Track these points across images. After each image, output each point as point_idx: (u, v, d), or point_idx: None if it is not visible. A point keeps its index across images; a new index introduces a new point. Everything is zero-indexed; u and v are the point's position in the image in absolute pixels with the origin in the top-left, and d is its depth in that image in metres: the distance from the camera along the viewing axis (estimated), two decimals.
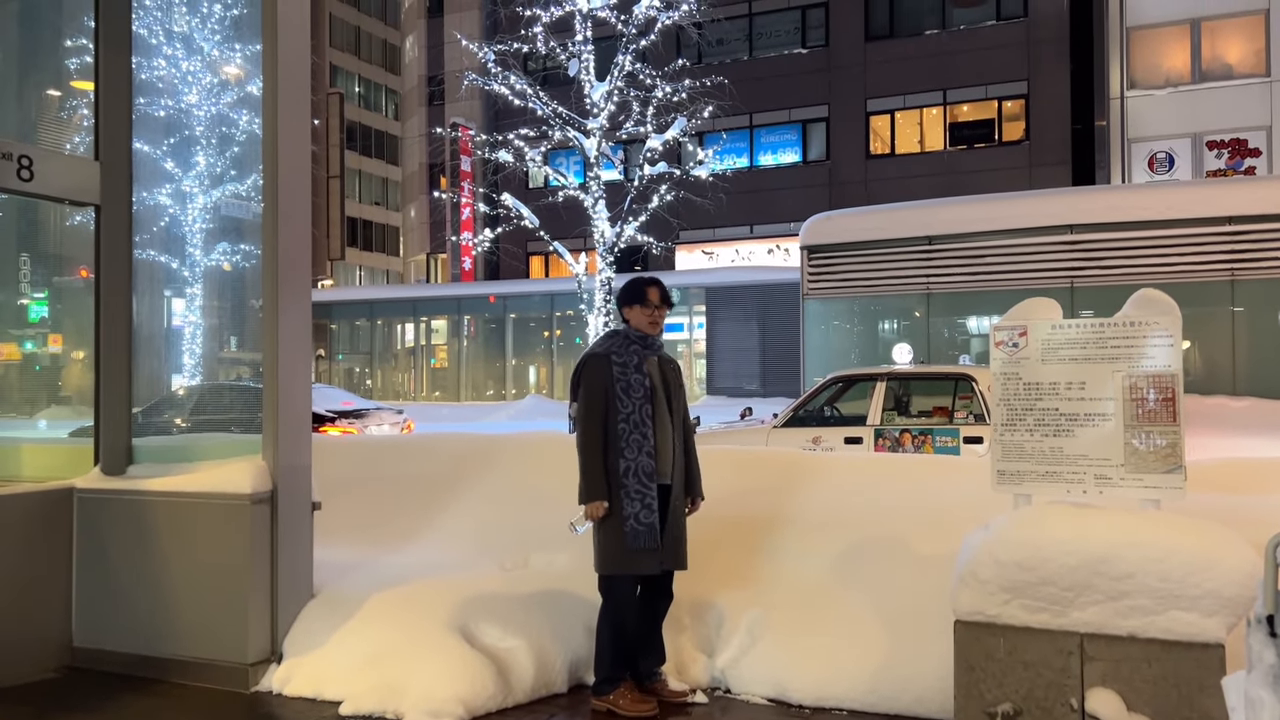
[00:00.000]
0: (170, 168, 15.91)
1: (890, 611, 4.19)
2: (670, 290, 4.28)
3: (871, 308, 12.99)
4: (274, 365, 4.34)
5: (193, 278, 13.64)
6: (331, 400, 12.49)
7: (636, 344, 4.07)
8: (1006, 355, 3.53)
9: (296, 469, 4.45)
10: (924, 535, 4.44)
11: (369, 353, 31.25)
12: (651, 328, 4.12)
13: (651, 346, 4.11)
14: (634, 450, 3.91)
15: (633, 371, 3.98)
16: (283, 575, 4.37)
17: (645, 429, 3.92)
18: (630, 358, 4.01)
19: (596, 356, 4.03)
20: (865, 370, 9.73)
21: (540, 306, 27.87)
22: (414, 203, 40.12)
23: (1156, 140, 24.55)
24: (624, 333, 4.12)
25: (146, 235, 8.99)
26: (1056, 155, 26.03)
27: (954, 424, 8.86)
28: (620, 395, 3.94)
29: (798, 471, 5.08)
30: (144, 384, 5.79)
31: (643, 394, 3.96)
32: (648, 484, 3.90)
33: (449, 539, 5.17)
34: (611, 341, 4.09)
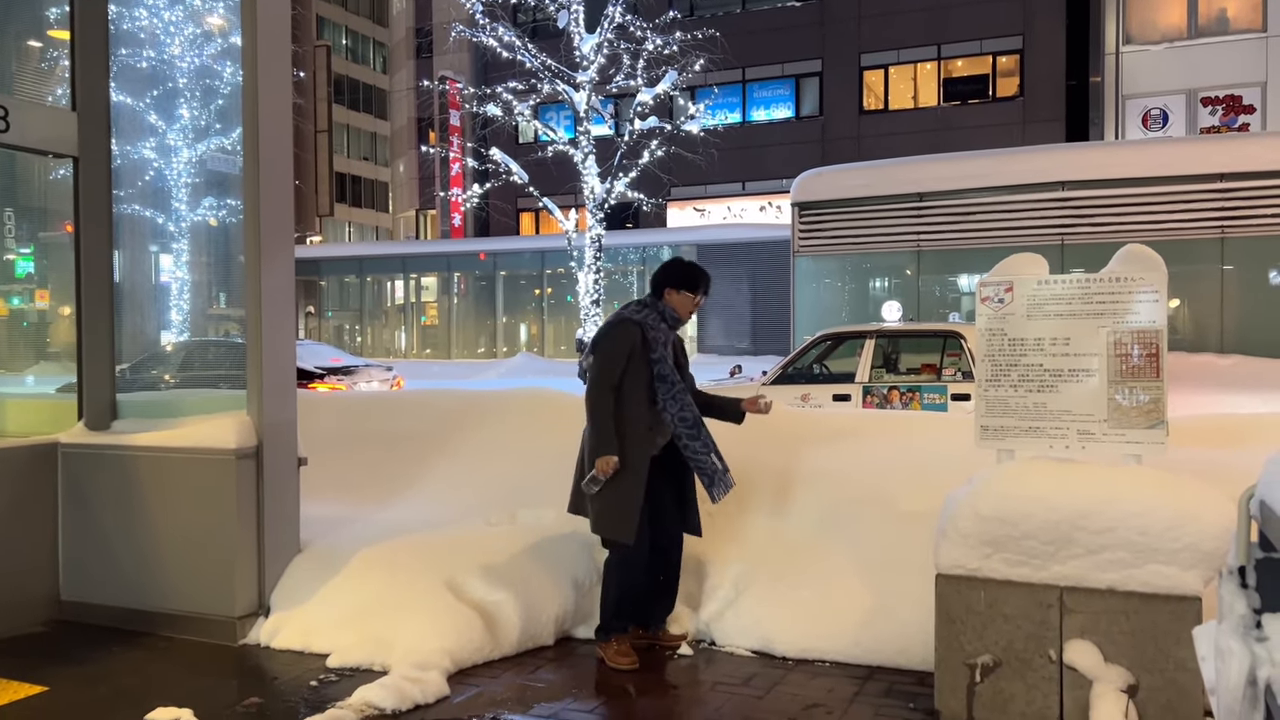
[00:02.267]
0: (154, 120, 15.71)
1: (874, 566, 4.23)
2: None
3: (862, 265, 12.96)
4: (257, 321, 4.32)
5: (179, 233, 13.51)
6: (320, 357, 12.46)
7: (667, 322, 4.15)
8: (992, 311, 3.53)
9: (281, 424, 4.44)
10: (908, 491, 4.46)
11: (358, 310, 31.15)
12: (687, 315, 4.24)
13: (676, 326, 4.22)
14: (676, 404, 4.06)
15: (660, 347, 4.09)
16: (269, 530, 4.38)
17: (684, 397, 4.07)
18: (660, 334, 4.11)
19: (632, 322, 4.08)
20: (854, 328, 9.73)
21: (531, 263, 27.76)
22: (403, 158, 39.76)
23: (1151, 97, 24.41)
24: (659, 309, 4.16)
25: (131, 190, 8.90)
26: (1051, 111, 25.88)
27: (942, 381, 8.89)
28: (654, 365, 4.06)
29: (784, 428, 5.09)
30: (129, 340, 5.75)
31: (669, 368, 4.09)
32: (695, 430, 4.09)
33: (436, 495, 5.18)
34: (646, 313, 4.14)
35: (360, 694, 3.54)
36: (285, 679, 3.86)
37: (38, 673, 3.95)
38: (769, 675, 3.88)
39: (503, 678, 3.88)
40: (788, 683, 3.81)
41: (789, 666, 3.98)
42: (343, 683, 3.80)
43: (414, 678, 3.68)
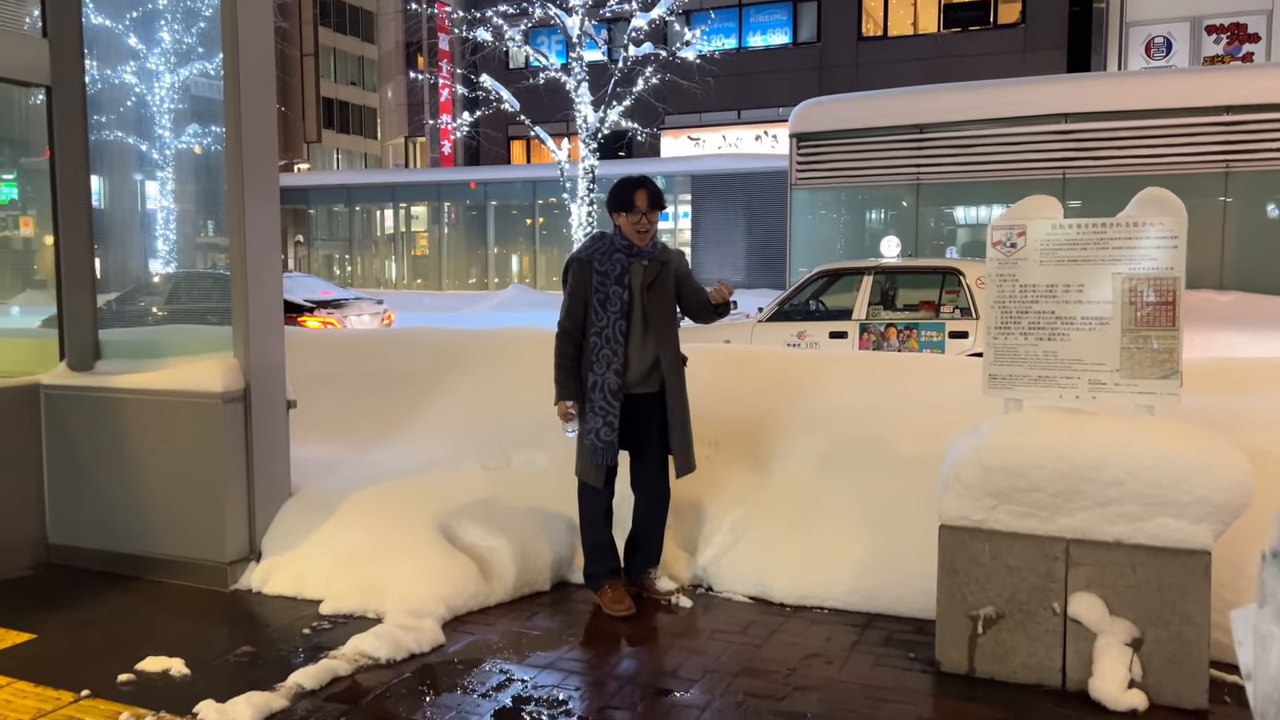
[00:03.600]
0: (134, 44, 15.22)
1: (873, 512, 4.18)
2: (661, 191, 4.03)
3: (860, 198, 12.77)
4: (242, 259, 4.17)
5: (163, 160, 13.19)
6: (309, 290, 12.29)
7: (621, 252, 3.89)
8: (1003, 256, 3.41)
9: (269, 366, 4.33)
10: (909, 436, 4.39)
11: (347, 239, 30.78)
12: (639, 238, 3.89)
13: (638, 255, 3.90)
14: (602, 366, 3.83)
15: (612, 283, 3.84)
16: (259, 474, 4.30)
17: (616, 345, 3.83)
18: (613, 266, 3.86)
19: (579, 262, 3.90)
20: (852, 264, 9.60)
21: (522, 194, 27.37)
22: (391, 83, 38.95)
23: (1155, 24, 23.91)
24: (610, 239, 3.93)
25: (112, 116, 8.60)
26: (1052, 39, 25.36)
27: (940, 318, 8.80)
28: (596, 308, 3.84)
29: (782, 370, 5.00)
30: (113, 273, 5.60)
31: (619, 309, 3.83)
32: (611, 401, 3.82)
33: (429, 437, 5.10)
34: (596, 246, 3.93)
35: (354, 643, 3.50)
36: (277, 626, 3.82)
37: (26, 619, 3.89)
38: (767, 623, 3.85)
39: (498, 625, 3.84)
40: (786, 630, 3.77)
41: (787, 614, 3.95)
42: (336, 630, 3.75)
43: (408, 625, 3.63)
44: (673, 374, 3.95)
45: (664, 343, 3.92)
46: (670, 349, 3.94)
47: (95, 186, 5.06)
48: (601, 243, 3.93)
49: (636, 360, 3.90)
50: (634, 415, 3.93)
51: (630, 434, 3.95)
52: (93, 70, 5.01)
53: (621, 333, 3.84)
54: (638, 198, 3.85)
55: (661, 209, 3.93)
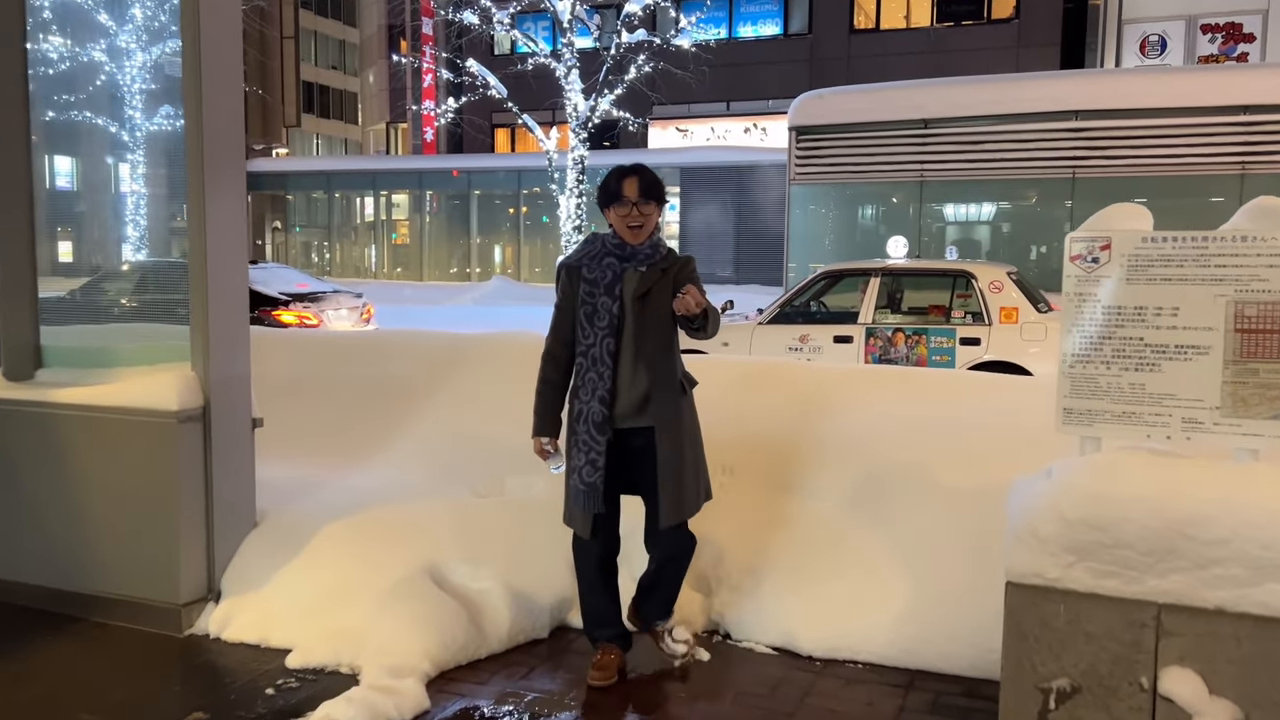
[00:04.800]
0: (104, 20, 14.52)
1: (913, 553, 3.73)
2: (658, 179, 3.35)
3: (861, 195, 12.33)
4: (202, 262, 3.66)
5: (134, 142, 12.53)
6: (284, 282, 11.71)
7: (612, 255, 3.27)
8: (1083, 272, 2.95)
9: (233, 380, 3.82)
10: (950, 465, 3.94)
11: (326, 226, 30.10)
12: (632, 235, 3.25)
13: (632, 258, 3.26)
14: (588, 393, 3.24)
15: (601, 293, 3.24)
16: (219, 502, 3.80)
17: (604, 368, 3.22)
18: (602, 273, 3.25)
19: (567, 268, 3.34)
20: (857, 264, 9.16)
21: (506, 183, 26.78)
22: (373, 68, 38.20)
23: (1150, 21, 23.63)
24: (601, 240, 3.33)
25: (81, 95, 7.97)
26: (1046, 35, 25.05)
27: (950, 324, 8.39)
28: (583, 323, 3.25)
29: (805, 386, 4.54)
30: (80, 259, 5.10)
31: (608, 324, 3.22)
32: (595, 436, 3.22)
33: (412, 457, 4.61)
34: (586, 249, 3.35)
35: (325, 711, 3.01)
36: (237, 684, 3.32)
37: None
38: (796, 681, 3.39)
39: (491, 683, 3.36)
40: (819, 692, 3.32)
41: (817, 669, 3.50)
42: (304, 689, 3.26)
43: (388, 687, 3.15)
44: (662, 403, 3.25)
45: (657, 365, 3.26)
46: (663, 372, 3.26)
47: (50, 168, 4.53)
48: (593, 245, 3.34)
49: (628, 387, 3.26)
50: (629, 454, 3.30)
51: (628, 477, 3.33)
52: (47, 44, 4.48)
53: (609, 353, 3.22)
54: (626, 186, 3.24)
55: (659, 200, 3.30)
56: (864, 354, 8.47)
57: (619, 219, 3.26)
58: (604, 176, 3.36)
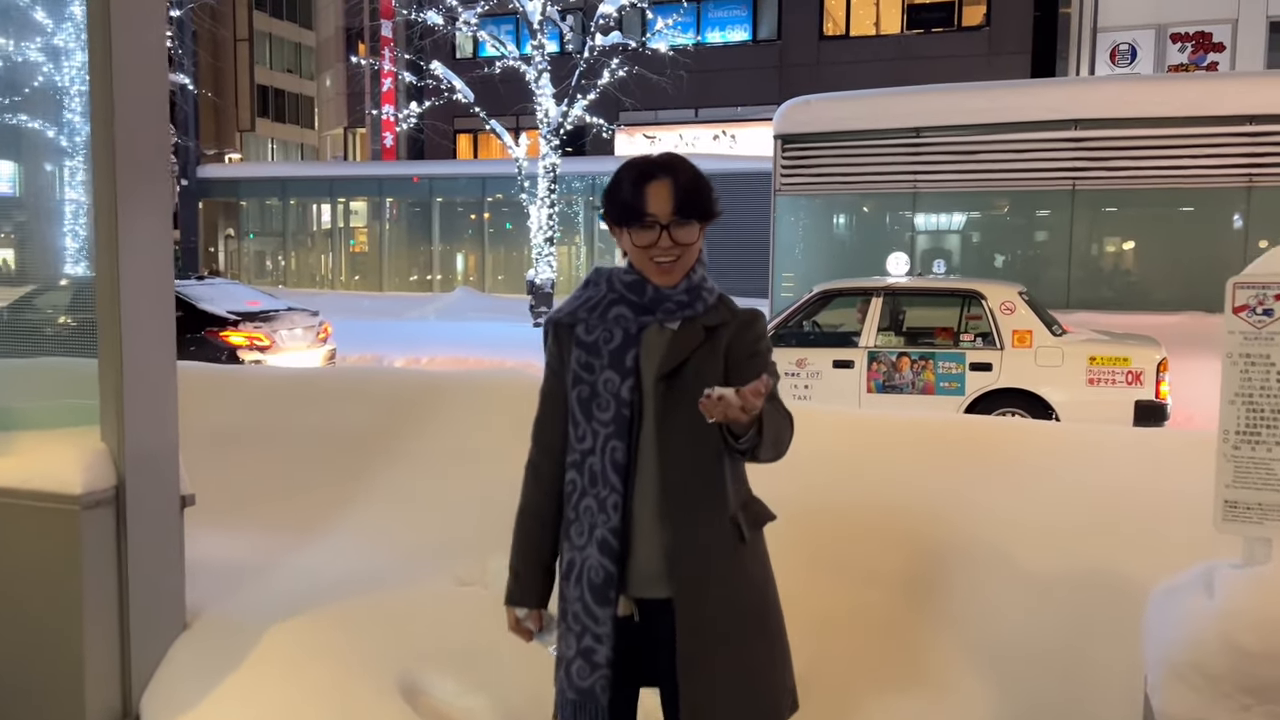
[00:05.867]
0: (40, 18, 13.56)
1: (995, 659, 3.07)
2: (704, 183, 2.04)
3: (851, 206, 11.75)
4: (113, 301, 2.90)
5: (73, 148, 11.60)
6: (234, 299, 10.86)
7: (624, 303, 2.04)
8: (1251, 327, 2.32)
9: (155, 452, 3.07)
10: (1032, 543, 3.29)
11: (282, 234, 29.04)
12: (659, 273, 2.01)
13: (655, 307, 2.03)
14: (583, 534, 2.01)
15: (605, 367, 2.01)
16: (137, 605, 3.04)
17: (607, 493, 1.98)
18: (608, 332, 2.03)
19: (556, 326, 2.12)
20: (857, 283, 8.55)
21: (470, 190, 25.96)
22: (330, 71, 37.19)
23: (1120, 30, 23.50)
24: (609, 278, 2.09)
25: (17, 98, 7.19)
26: (1017, 43, 24.84)
27: (959, 347, 7.81)
28: (577, 413, 2.03)
29: (845, 438, 3.87)
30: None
31: (615, 417, 1.99)
32: (594, 610, 1.99)
33: (380, 531, 3.86)
34: (585, 296, 2.10)
35: None
36: None
37: None
38: None
39: None
40: None
41: None
42: None
43: None
44: (697, 555, 1.99)
45: (695, 489, 1.99)
46: (704, 501, 2.00)
47: None
48: (595, 289, 2.09)
49: (650, 526, 2.01)
50: (655, 639, 2.06)
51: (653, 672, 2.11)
52: None
53: (617, 467, 1.99)
54: (652, 196, 1.97)
55: (705, 215, 2.02)
56: (866, 380, 7.87)
57: (638, 249, 1.99)
58: (614, 176, 2.05)
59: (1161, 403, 7.30)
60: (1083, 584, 3.04)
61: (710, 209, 2.02)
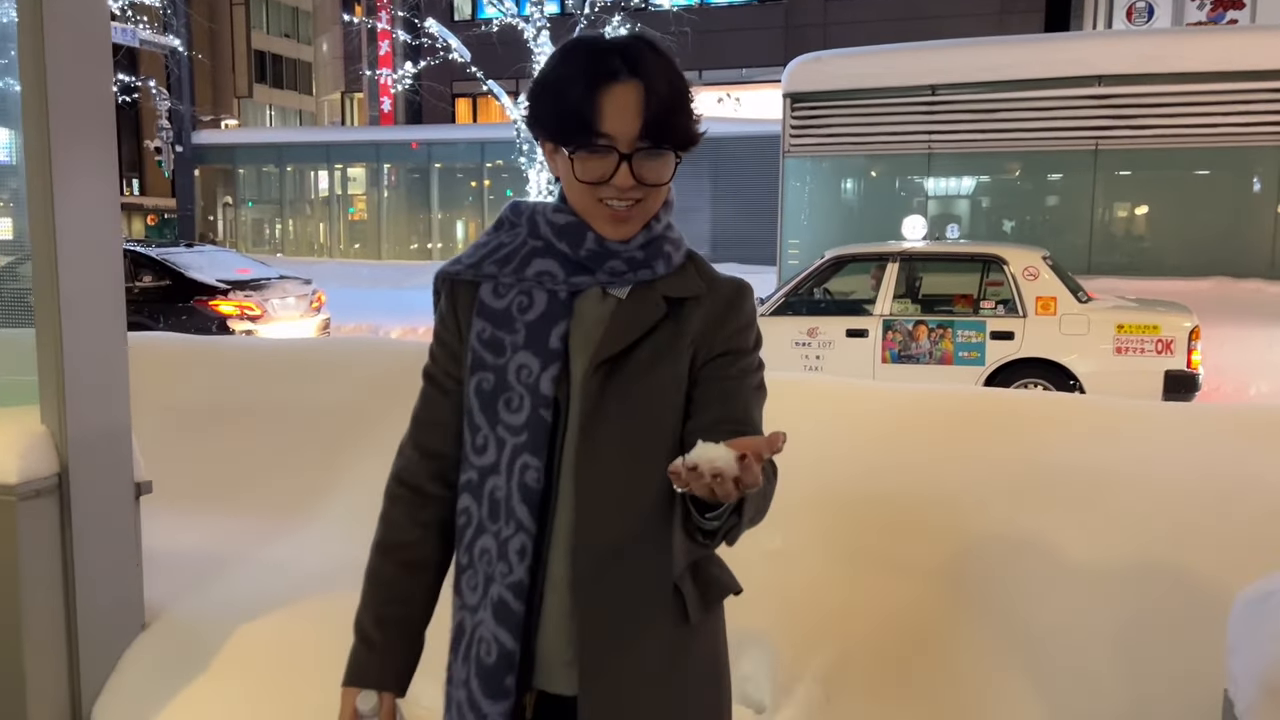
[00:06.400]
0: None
1: (1041, 659, 2.75)
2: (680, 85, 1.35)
3: (863, 168, 11.33)
4: (50, 277, 2.56)
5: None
6: (224, 267, 10.51)
7: (551, 257, 1.39)
8: None
9: (104, 435, 2.74)
10: (1085, 532, 2.96)
11: (278, 202, 28.62)
12: (611, 222, 1.36)
13: (595, 265, 1.38)
14: (475, 590, 1.41)
15: (520, 346, 1.38)
16: (86, 604, 2.73)
17: (513, 527, 1.37)
18: (525, 296, 1.40)
19: (452, 284, 1.46)
20: (871, 248, 8.18)
21: (469, 155, 25.50)
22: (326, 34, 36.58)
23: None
24: (531, 215, 1.42)
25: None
26: (1029, 1, 24.26)
27: (979, 315, 7.47)
28: (475, 411, 1.41)
29: (878, 414, 3.53)
30: None
31: (528, 417, 1.37)
32: (480, 701, 1.40)
33: (362, 520, 3.48)
34: (495, 242, 1.44)
35: None
36: None
37: None
38: None
39: None
40: None
41: None
42: None
43: None
44: (631, 648, 1.38)
45: (628, 542, 1.37)
46: (646, 563, 1.37)
47: None
48: (510, 233, 1.44)
49: (568, 585, 1.39)
50: None
51: None
52: None
53: (528, 493, 1.37)
54: (609, 104, 1.29)
55: (684, 143, 1.36)
56: (880, 350, 7.54)
57: (583, 185, 1.33)
58: (552, 62, 1.37)
59: (1193, 373, 6.96)
60: (1138, 578, 2.72)
61: (692, 133, 1.36)
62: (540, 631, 1.40)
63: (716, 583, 1.47)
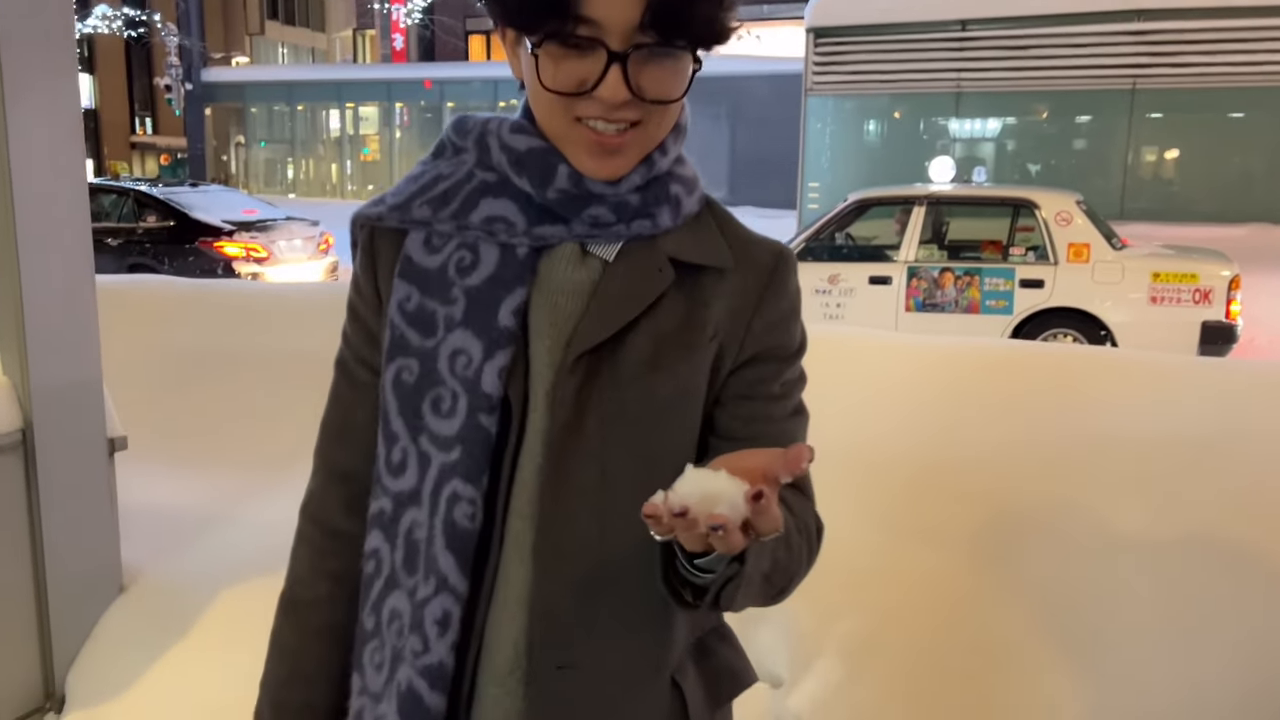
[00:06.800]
0: None
1: (1084, 638, 2.55)
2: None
3: (889, 107, 10.93)
4: (6, 213, 2.34)
5: None
6: (229, 207, 10.27)
7: (507, 196, 0.94)
8: None
9: (73, 388, 2.54)
10: (1133, 501, 2.74)
11: (289, 141, 28.26)
12: (597, 156, 0.90)
13: (572, 211, 0.92)
14: (381, 664, 0.98)
15: (457, 322, 0.93)
16: (56, 566, 2.55)
17: (433, 584, 0.93)
18: (468, 251, 0.95)
19: (372, 230, 1.01)
20: (896, 191, 7.87)
21: (482, 94, 25.03)
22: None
23: None
24: (481, 135, 0.98)
25: None
26: None
27: (1009, 262, 7.18)
28: (389, 408, 0.98)
29: (908, 373, 3.29)
30: None
31: (462, 425, 0.92)
32: None
33: None
34: (432, 174, 0.99)
35: None
36: None
37: None
38: None
39: None
40: None
41: None
42: None
43: None
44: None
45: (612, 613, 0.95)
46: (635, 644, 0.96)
47: None
48: (451, 163, 0.99)
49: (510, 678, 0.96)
50: None
51: None
52: None
53: (458, 536, 0.93)
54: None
55: (700, 37, 0.87)
56: (904, 298, 7.27)
57: (555, 97, 0.88)
58: None
59: (1231, 324, 6.67)
60: (1192, 552, 2.50)
61: (720, 23, 0.88)
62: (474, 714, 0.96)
63: (728, 673, 1.05)
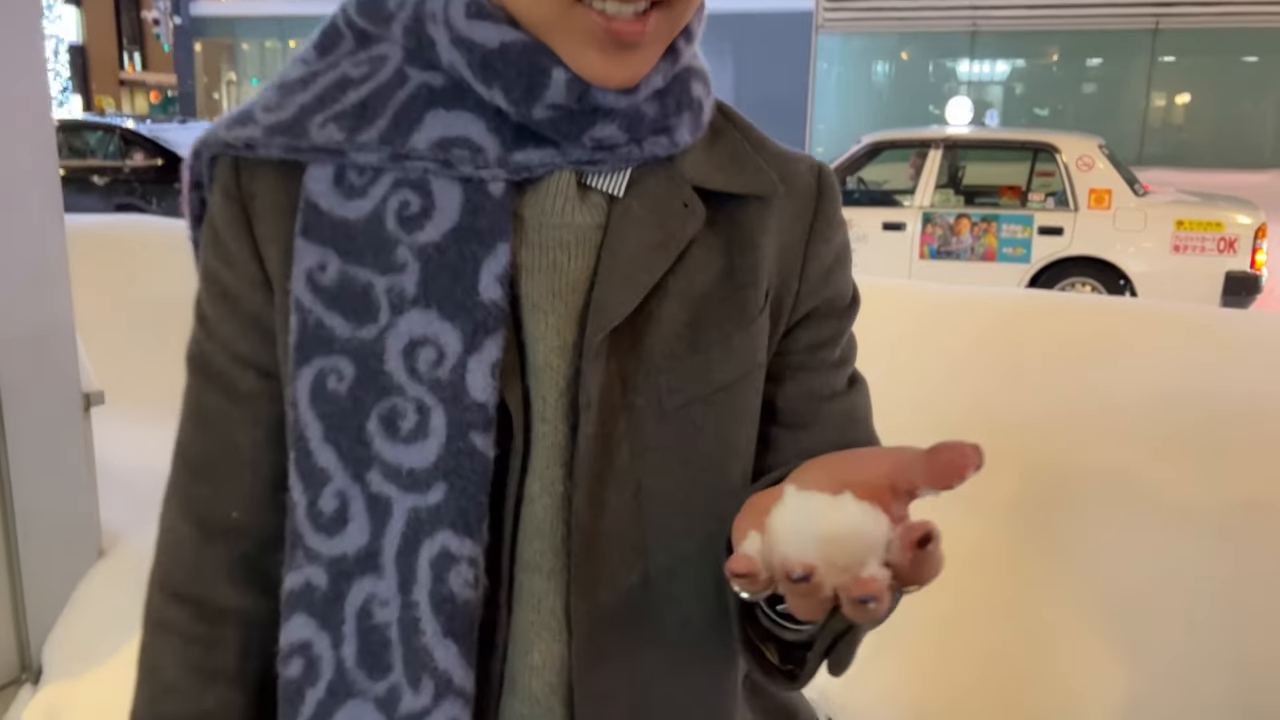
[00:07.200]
0: None
1: (1124, 609, 2.39)
2: None
3: (900, 46, 10.56)
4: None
5: None
6: None
7: (465, 105, 0.60)
8: None
9: (41, 340, 2.34)
10: (1184, 466, 2.56)
11: None
12: (610, 58, 0.56)
13: (567, 132, 0.59)
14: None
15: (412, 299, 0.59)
16: (29, 530, 2.38)
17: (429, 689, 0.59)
18: (418, 192, 0.60)
19: (231, 164, 0.66)
20: (912, 134, 7.60)
21: None
22: None
23: None
24: (414, 18, 0.60)
25: None
26: None
27: (1027, 208, 6.94)
28: (307, 419, 0.61)
29: (935, 326, 3.09)
30: None
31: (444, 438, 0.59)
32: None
33: None
34: (337, 76, 0.63)
35: None
36: None
37: None
38: None
39: None
40: None
41: None
42: None
43: None
44: None
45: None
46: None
47: None
48: (367, 54, 0.63)
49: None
50: None
51: None
52: None
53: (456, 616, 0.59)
54: None
55: None
56: (919, 244, 7.05)
57: None
58: None
59: (1256, 274, 6.47)
60: (1247, 524, 2.33)
61: None
62: None
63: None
